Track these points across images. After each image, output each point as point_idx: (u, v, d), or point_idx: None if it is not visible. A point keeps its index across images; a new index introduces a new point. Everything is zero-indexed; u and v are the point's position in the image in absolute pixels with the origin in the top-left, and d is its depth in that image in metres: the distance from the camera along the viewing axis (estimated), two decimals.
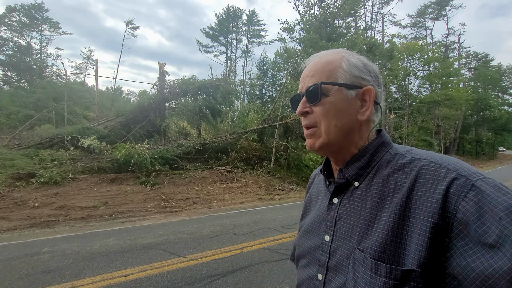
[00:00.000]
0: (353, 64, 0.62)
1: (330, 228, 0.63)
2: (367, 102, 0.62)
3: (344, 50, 0.66)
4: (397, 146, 0.63)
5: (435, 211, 0.47)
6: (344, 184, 0.64)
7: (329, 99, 0.61)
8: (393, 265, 0.49)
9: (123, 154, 9.30)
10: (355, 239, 0.57)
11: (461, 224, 0.45)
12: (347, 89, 0.61)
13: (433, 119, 25.31)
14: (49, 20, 25.82)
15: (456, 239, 0.45)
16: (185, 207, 7.31)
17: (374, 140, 0.64)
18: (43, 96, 17.86)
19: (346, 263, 0.57)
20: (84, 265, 3.50)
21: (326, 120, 0.61)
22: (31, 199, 6.83)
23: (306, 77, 0.65)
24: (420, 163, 0.54)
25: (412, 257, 0.47)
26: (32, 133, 12.01)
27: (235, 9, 37.87)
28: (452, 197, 0.47)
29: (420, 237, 0.47)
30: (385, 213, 0.54)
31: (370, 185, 0.59)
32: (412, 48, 22.54)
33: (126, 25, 28.59)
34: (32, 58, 24.51)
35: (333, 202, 0.65)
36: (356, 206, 0.60)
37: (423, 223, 0.48)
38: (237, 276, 3.26)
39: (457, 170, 0.49)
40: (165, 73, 13.97)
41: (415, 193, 0.51)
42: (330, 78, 0.61)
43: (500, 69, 35.26)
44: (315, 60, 0.66)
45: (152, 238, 4.63)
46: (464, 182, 0.47)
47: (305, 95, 0.63)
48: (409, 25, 36.47)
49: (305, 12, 16.72)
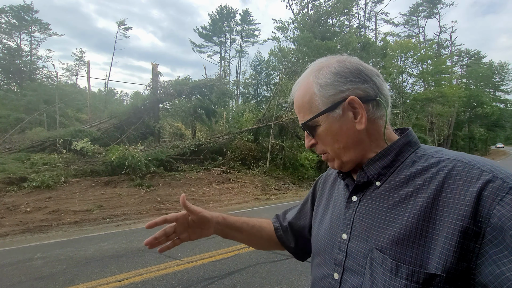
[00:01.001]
0: (323, 84, 0.59)
1: (348, 226, 0.61)
2: (357, 109, 0.58)
3: (315, 66, 0.63)
4: (425, 147, 0.60)
5: (465, 214, 0.44)
6: (364, 183, 0.61)
7: (321, 128, 0.61)
8: (415, 268, 0.46)
9: (117, 156, 9.18)
10: (373, 239, 0.55)
11: (495, 229, 0.42)
12: (331, 112, 0.59)
13: (427, 116, 25.60)
14: (38, 21, 25.40)
15: (489, 245, 0.42)
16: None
17: (399, 139, 0.60)
18: (34, 98, 17.57)
19: (363, 262, 0.55)
20: (78, 270, 3.43)
21: (330, 146, 0.62)
22: (23, 204, 6.69)
23: (297, 113, 0.67)
24: (450, 164, 0.51)
25: (437, 261, 0.44)
26: (23, 136, 11.80)
27: (228, 8, 37.76)
28: (486, 200, 0.43)
29: (447, 241, 0.44)
30: (407, 213, 0.51)
31: (392, 185, 0.57)
32: (405, 46, 22.75)
33: (118, 26, 28.33)
34: (22, 60, 24.06)
35: (352, 201, 0.63)
36: (377, 206, 0.57)
37: (451, 226, 0.44)
38: (234, 278, 3.22)
39: (492, 172, 0.46)
40: (159, 74, 13.85)
41: (443, 194, 0.48)
42: (312, 110, 0.61)
43: (492, 66, 35.85)
44: (296, 92, 0.66)
45: None
46: (501, 185, 0.44)
47: (304, 129, 0.66)
48: (402, 23, 36.82)
49: (298, 11, 16.73)
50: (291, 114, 13.79)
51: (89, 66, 20.12)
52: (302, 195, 9.82)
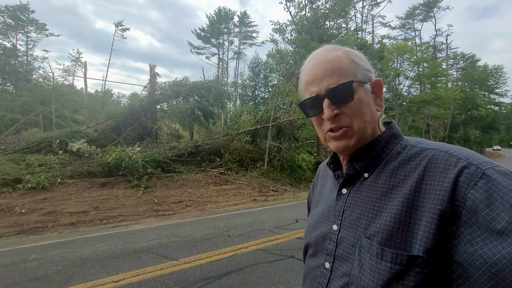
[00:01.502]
0: (360, 57, 0.63)
1: (338, 217, 0.64)
2: (378, 93, 0.63)
3: (339, 46, 0.65)
4: (407, 138, 0.63)
5: (444, 199, 0.47)
6: (353, 176, 0.64)
7: (357, 96, 0.59)
8: (399, 251, 0.49)
9: (113, 157, 9.13)
10: (362, 228, 0.57)
11: (470, 212, 0.45)
12: (365, 84, 0.61)
13: (423, 118, 25.77)
14: (35, 21, 25.31)
15: (464, 226, 0.45)
16: (178, 210, 7.21)
17: (385, 132, 0.63)
18: (29, 99, 17.46)
19: (352, 250, 0.57)
20: (73, 271, 3.39)
21: (358, 118, 0.59)
22: (18, 206, 6.62)
23: (322, 77, 0.59)
24: (430, 153, 0.54)
25: (419, 244, 0.47)
26: (18, 137, 11.69)
27: (226, 10, 37.86)
28: (462, 185, 0.47)
29: (427, 224, 0.47)
30: (393, 202, 0.54)
31: (380, 176, 0.59)
32: (401, 49, 22.92)
33: (116, 27, 28.27)
34: (18, 61, 23.94)
35: (342, 193, 0.66)
36: (365, 196, 0.60)
37: (431, 211, 0.48)
38: (231, 278, 3.21)
39: (468, 159, 0.49)
40: (156, 75, 13.83)
41: (424, 181, 0.51)
42: (351, 75, 0.59)
43: (486, 69, 36.26)
44: (320, 58, 0.61)
45: (144, 242, 4.54)
46: (475, 170, 0.47)
47: (328, 97, 0.59)
48: (398, 26, 37.20)
49: (296, 13, 16.83)
50: (289, 115, 13.82)
51: (86, 67, 20.04)
52: (299, 196, 9.83)
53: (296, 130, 14.87)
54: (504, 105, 39.91)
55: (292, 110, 14.16)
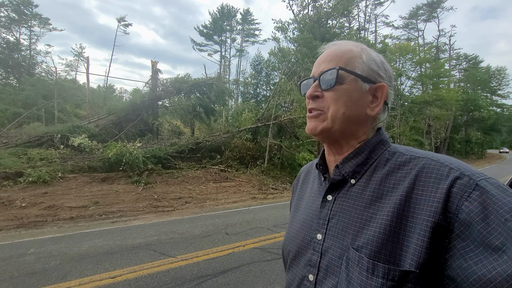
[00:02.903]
0: (372, 57, 0.62)
1: (323, 226, 0.60)
2: (378, 98, 0.61)
3: (365, 45, 0.65)
4: (395, 145, 0.62)
5: (436, 211, 0.45)
6: (340, 181, 0.61)
7: (343, 86, 0.59)
8: (391, 266, 0.47)
9: (114, 153, 9.16)
10: (349, 238, 0.54)
11: (463, 225, 0.43)
12: (362, 81, 0.59)
13: (424, 119, 25.68)
14: (38, 16, 25.26)
15: (457, 240, 0.43)
16: (177, 207, 7.24)
17: (373, 137, 0.62)
18: (32, 93, 17.50)
19: (339, 262, 0.54)
20: (71, 266, 3.42)
21: (335, 106, 0.59)
22: (19, 199, 6.67)
23: (322, 62, 0.63)
24: (421, 162, 0.53)
25: (411, 258, 0.45)
26: (20, 131, 11.75)
27: (229, 7, 37.72)
28: (455, 197, 0.45)
29: (420, 237, 0.45)
30: (382, 211, 0.51)
31: (368, 183, 0.57)
32: (404, 49, 22.81)
33: (118, 22, 28.22)
34: (21, 55, 23.94)
35: (327, 200, 0.62)
36: (352, 204, 0.57)
37: (423, 223, 0.46)
38: (228, 276, 3.23)
39: (460, 170, 0.48)
40: (158, 71, 13.81)
41: (415, 191, 0.49)
42: (348, 65, 0.60)
43: (489, 70, 35.98)
44: (334, 46, 0.64)
45: (142, 238, 4.56)
46: (468, 181, 0.45)
47: (319, 80, 0.61)
48: (401, 26, 36.90)
49: (299, 12, 16.74)
50: (290, 114, 13.80)
51: (88, 62, 20.05)
52: None
53: (297, 129, 14.84)
54: (506, 107, 39.63)
55: (293, 109, 14.15)
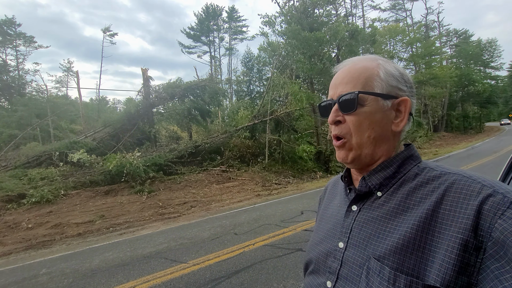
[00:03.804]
0: (390, 73, 0.60)
1: (345, 235, 0.61)
2: (402, 112, 0.60)
3: (381, 57, 0.64)
4: (426, 161, 0.61)
5: (466, 227, 0.44)
6: (366, 193, 0.61)
7: (364, 109, 0.58)
8: (413, 279, 0.46)
9: (114, 165, 9.14)
10: (371, 248, 0.54)
11: (497, 244, 0.42)
12: (383, 99, 0.58)
13: (420, 98, 25.71)
14: (23, 34, 25.03)
15: (491, 260, 0.42)
16: (183, 212, 7.25)
17: (403, 152, 0.61)
18: (25, 113, 17.41)
19: (359, 272, 0.54)
20: (84, 283, 3.43)
21: (359, 131, 0.58)
22: (24, 221, 6.65)
23: (339, 84, 0.61)
24: (451, 177, 0.52)
25: (436, 274, 0.44)
26: (18, 152, 11.69)
27: (214, 7, 37.40)
28: (488, 214, 0.44)
29: (447, 254, 0.44)
30: (407, 224, 0.51)
31: (394, 196, 0.57)
32: (393, 31, 22.78)
33: (104, 33, 27.98)
34: (9, 76, 23.77)
35: (352, 210, 0.63)
36: (376, 216, 0.57)
37: (451, 239, 0.45)
38: (241, 276, 3.24)
39: (493, 187, 0.46)
40: (150, 78, 13.74)
41: (443, 206, 0.49)
42: (366, 86, 0.58)
43: (480, 43, 36.05)
44: (349, 65, 0.63)
45: (152, 247, 4.57)
46: (502, 199, 0.44)
47: (338, 103, 0.60)
48: (389, 8, 36.72)
49: (284, 4, 16.61)
50: (286, 108, 13.78)
51: (78, 76, 19.87)
52: (303, 187, 9.87)
53: (294, 122, 14.84)
54: (500, 78, 39.83)
55: (288, 102, 14.11)
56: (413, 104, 0.61)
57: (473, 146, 19.11)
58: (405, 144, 0.65)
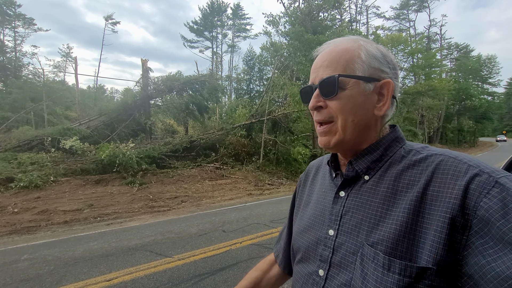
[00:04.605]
0: (372, 54, 0.57)
1: (335, 222, 0.60)
2: (384, 96, 0.58)
3: (362, 38, 0.61)
4: (411, 143, 0.61)
5: (454, 207, 0.44)
6: (353, 178, 0.60)
7: (346, 93, 0.56)
8: (407, 262, 0.46)
9: (107, 154, 9.03)
10: (363, 234, 0.53)
11: (482, 221, 0.42)
12: (365, 82, 0.56)
13: (417, 109, 25.95)
14: (22, 16, 24.66)
15: (475, 237, 0.43)
16: (173, 206, 7.19)
17: (388, 134, 0.61)
18: (20, 96, 17.14)
19: (353, 259, 0.53)
20: (66, 271, 3.36)
21: (342, 115, 0.56)
22: (10, 205, 6.54)
23: (319, 67, 0.59)
24: (438, 158, 0.52)
25: (428, 254, 0.45)
26: (9, 135, 11.48)
27: (219, 2, 37.25)
28: (473, 193, 0.44)
29: (436, 234, 0.45)
30: (398, 208, 0.51)
31: (382, 179, 0.56)
32: (396, 40, 22.92)
33: (106, 20, 27.71)
34: (6, 57, 23.41)
35: (340, 196, 0.62)
36: (365, 200, 0.56)
37: (440, 219, 0.45)
38: (225, 274, 3.22)
39: (479, 167, 0.47)
40: (149, 70, 13.61)
41: (431, 188, 0.49)
42: (347, 69, 0.56)
43: (480, 59, 36.41)
44: (329, 48, 0.60)
45: (138, 240, 4.52)
46: (487, 178, 0.45)
47: (319, 88, 0.58)
48: (393, 17, 37.01)
49: (289, 5, 16.61)
50: (284, 109, 13.77)
51: (76, 62, 19.66)
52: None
53: (292, 123, 14.84)
54: (497, 95, 40.24)
55: (287, 104, 14.11)
56: (396, 86, 0.59)
57: None
58: (390, 126, 0.64)
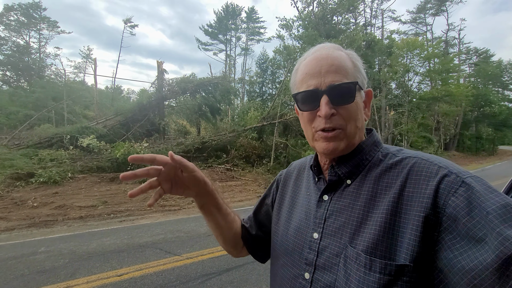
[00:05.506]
0: (361, 63, 0.63)
1: (319, 225, 0.62)
2: (367, 103, 0.65)
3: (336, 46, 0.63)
4: (387, 146, 0.65)
5: (426, 206, 0.48)
6: (335, 182, 0.63)
7: (356, 100, 0.59)
8: (387, 261, 0.49)
9: (122, 153, 9.32)
10: (346, 236, 0.55)
11: (450, 218, 0.46)
12: (361, 90, 0.62)
13: (433, 115, 25.21)
14: (47, 19, 25.79)
15: (445, 233, 0.46)
16: (184, 206, 7.32)
17: (367, 139, 0.64)
18: (42, 95, 17.90)
19: (336, 260, 0.55)
20: (79, 264, 3.51)
21: (352, 122, 0.59)
22: (30, 199, 6.85)
23: (326, 72, 0.57)
24: (411, 161, 0.56)
25: (405, 252, 0.48)
26: (31, 133, 12.04)
27: (234, 6, 37.70)
28: (443, 193, 0.48)
29: (413, 232, 0.48)
30: (378, 209, 0.54)
31: (362, 183, 0.59)
32: (411, 44, 22.39)
33: (125, 23, 28.55)
34: (31, 58, 24.52)
35: (323, 199, 0.64)
36: (348, 204, 0.59)
37: (415, 218, 0.48)
38: (232, 274, 3.27)
39: (447, 168, 0.51)
40: (164, 72, 13.95)
41: (407, 189, 0.52)
42: (353, 78, 0.59)
43: (501, 64, 34.97)
44: (326, 52, 0.60)
45: (149, 237, 4.64)
46: (455, 178, 0.48)
47: (329, 94, 0.56)
48: (409, 21, 36.18)
49: (303, 9, 16.64)
50: (296, 112, 13.73)
51: (95, 63, 20.36)
52: None
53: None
54: None
55: None
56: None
57: (483, 168, 18.61)
58: (367, 129, 0.68)
